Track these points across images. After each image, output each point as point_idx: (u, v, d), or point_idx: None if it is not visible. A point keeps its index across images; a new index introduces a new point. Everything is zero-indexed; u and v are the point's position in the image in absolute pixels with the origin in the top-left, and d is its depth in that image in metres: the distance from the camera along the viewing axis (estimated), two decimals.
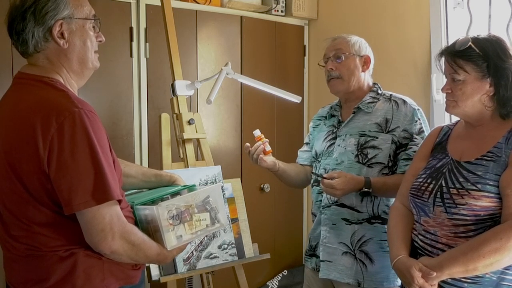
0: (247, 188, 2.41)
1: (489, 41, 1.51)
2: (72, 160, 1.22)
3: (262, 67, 3.14)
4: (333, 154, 1.99)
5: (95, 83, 2.48)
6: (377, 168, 1.91)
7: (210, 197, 1.50)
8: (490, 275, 1.44)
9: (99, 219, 1.25)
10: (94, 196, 1.23)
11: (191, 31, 2.82)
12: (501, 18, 2.42)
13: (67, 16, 1.34)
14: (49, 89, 1.32)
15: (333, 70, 1.97)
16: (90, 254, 1.31)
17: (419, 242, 1.58)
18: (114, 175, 1.30)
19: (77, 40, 1.37)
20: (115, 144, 2.57)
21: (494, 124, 1.53)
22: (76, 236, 1.29)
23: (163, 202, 1.43)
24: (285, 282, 3.23)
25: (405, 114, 1.92)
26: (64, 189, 1.23)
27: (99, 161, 1.24)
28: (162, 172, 1.73)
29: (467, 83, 1.51)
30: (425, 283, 1.46)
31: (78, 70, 1.40)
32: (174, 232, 1.39)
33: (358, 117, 1.98)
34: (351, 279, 1.92)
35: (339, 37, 2.02)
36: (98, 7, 2.45)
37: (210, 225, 1.49)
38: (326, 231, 1.98)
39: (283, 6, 3.23)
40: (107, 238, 1.26)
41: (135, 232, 1.34)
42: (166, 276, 1.86)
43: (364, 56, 1.99)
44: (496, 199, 1.43)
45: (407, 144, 1.89)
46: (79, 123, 1.23)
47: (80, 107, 1.25)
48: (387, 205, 1.94)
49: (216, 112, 2.96)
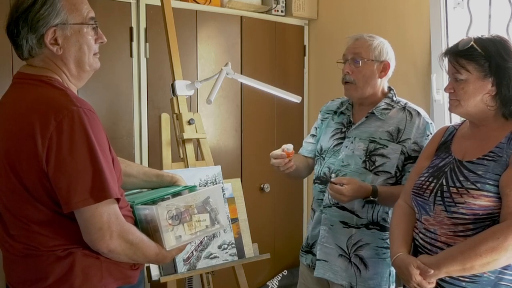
0: (247, 188, 2.41)
1: (491, 41, 1.51)
2: (70, 158, 1.22)
3: (262, 67, 3.14)
4: (339, 155, 1.97)
5: (95, 83, 2.48)
6: (383, 177, 1.89)
7: (211, 198, 1.49)
8: (488, 274, 1.44)
9: (97, 217, 1.25)
10: (92, 194, 1.23)
11: (191, 31, 2.82)
12: (501, 18, 2.42)
13: (61, 23, 1.31)
14: (48, 87, 1.31)
15: (349, 74, 1.92)
16: (88, 254, 1.31)
17: (420, 240, 1.59)
18: (113, 174, 1.30)
19: (72, 46, 1.34)
20: (115, 144, 2.57)
21: (497, 124, 1.54)
22: (74, 235, 1.28)
23: (163, 202, 1.43)
24: (285, 282, 3.23)
25: (417, 126, 1.89)
26: (62, 187, 1.23)
27: (97, 160, 1.24)
28: (164, 172, 1.72)
29: (469, 83, 1.51)
30: (422, 280, 1.47)
31: (75, 73, 1.39)
32: (174, 233, 1.39)
33: (370, 122, 1.95)
34: (344, 281, 1.93)
35: (361, 37, 1.94)
36: (98, 7, 2.47)
37: (210, 226, 1.48)
38: (325, 231, 1.98)
39: (283, 6, 3.23)
40: (105, 236, 1.26)
41: (133, 231, 1.34)
42: (166, 276, 1.86)
43: (383, 62, 1.92)
44: (495, 198, 1.44)
45: (416, 157, 1.85)
46: (77, 122, 1.22)
47: (79, 106, 1.25)
48: (386, 213, 1.93)
49: (216, 112, 2.96)
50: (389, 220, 1.93)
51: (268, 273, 3.25)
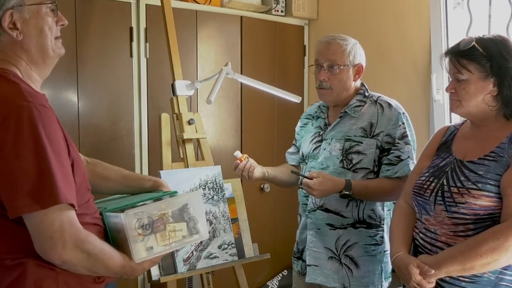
0: (247, 188, 2.40)
1: (493, 41, 1.51)
2: (14, 158, 1.11)
3: (262, 67, 3.14)
4: (319, 158, 1.99)
5: (95, 83, 2.48)
6: (362, 173, 1.90)
7: (189, 205, 1.37)
8: (488, 274, 1.44)
9: (47, 225, 1.13)
10: (38, 199, 1.11)
11: (191, 31, 2.82)
12: (501, 18, 2.42)
13: (17, 4, 1.22)
14: (0, 81, 1.21)
15: (325, 81, 1.93)
16: (41, 264, 1.19)
17: (420, 240, 1.59)
18: (67, 177, 1.18)
19: (32, 29, 1.25)
20: (115, 144, 2.58)
21: (498, 124, 1.54)
22: (25, 243, 1.16)
23: (132, 209, 1.28)
24: (285, 282, 3.23)
25: (389, 118, 1.90)
26: (6, 189, 1.13)
27: (46, 160, 1.13)
28: (146, 177, 1.62)
29: (471, 83, 1.50)
30: (422, 280, 1.47)
31: (38, 60, 1.28)
32: (144, 243, 1.26)
33: (345, 121, 1.96)
34: (337, 283, 1.93)
35: (334, 41, 1.92)
36: (98, 7, 2.48)
37: (188, 236, 1.35)
38: (312, 236, 1.98)
39: (283, 6, 3.23)
40: (57, 246, 1.14)
41: (91, 241, 1.21)
42: (166, 276, 1.86)
43: (357, 65, 1.94)
44: (496, 199, 1.44)
45: (389, 149, 1.88)
46: (26, 118, 1.12)
47: (30, 101, 1.15)
48: (372, 210, 1.94)
49: (216, 112, 2.96)
50: (375, 217, 1.94)
51: (268, 273, 3.25)
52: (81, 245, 1.19)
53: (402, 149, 1.87)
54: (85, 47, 2.45)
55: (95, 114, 2.49)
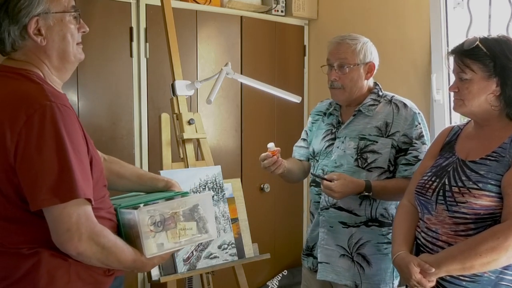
0: (247, 188, 2.41)
1: (497, 41, 1.51)
2: (37, 155, 1.18)
3: (262, 67, 3.14)
4: (332, 156, 1.98)
5: (95, 83, 2.48)
6: (376, 173, 1.90)
7: (200, 206, 1.42)
8: (488, 274, 1.44)
9: (65, 217, 1.20)
10: (58, 194, 1.18)
11: (191, 31, 2.82)
12: (501, 18, 2.42)
13: (43, 12, 1.28)
14: (24, 81, 1.28)
15: (336, 80, 1.93)
16: (56, 255, 1.25)
17: (421, 240, 1.60)
18: (86, 173, 1.25)
19: (55, 36, 1.32)
20: (115, 144, 2.58)
21: (501, 124, 1.54)
22: (42, 234, 1.23)
23: (145, 206, 1.35)
24: (285, 282, 3.23)
25: (405, 118, 1.90)
26: (28, 183, 1.19)
27: (66, 157, 1.19)
28: (159, 177, 1.67)
29: (474, 82, 1.51)
30: (422, 278, 1.47)
31: (59, 65, 1.35)
32: (155, 240, 1.31)
33: (358, 119, 1.96)
34: (348, 281, 1.93)
35: (344, 42, 1.93)
36: (98, 7, 2.48)
37: (197, 235, 1.40)
38: (324, 233, 1.98)
39: (283, 6, 3.23)
40: (73, 238, 1.21)
41: (105, 235, 1.27)
42: (166, 276, 1.86)
43: (368, 64, 1.94)
44: (497, 198, 1.44)
45: (407, 149, 1.88)
46: (49, 117, 1.19)
47: (53, 101, 1.21)
48: (384, 208, 1.94)
49: (216, 112, 2.96)
50: (387, 216, 1.94)
51: (268, 273, 3.25)
52: (96, 238, 1.24)
53: (420, 149, 1.87)
54: (85, 47, 2.41)
55: (95, 114, 2.49)
